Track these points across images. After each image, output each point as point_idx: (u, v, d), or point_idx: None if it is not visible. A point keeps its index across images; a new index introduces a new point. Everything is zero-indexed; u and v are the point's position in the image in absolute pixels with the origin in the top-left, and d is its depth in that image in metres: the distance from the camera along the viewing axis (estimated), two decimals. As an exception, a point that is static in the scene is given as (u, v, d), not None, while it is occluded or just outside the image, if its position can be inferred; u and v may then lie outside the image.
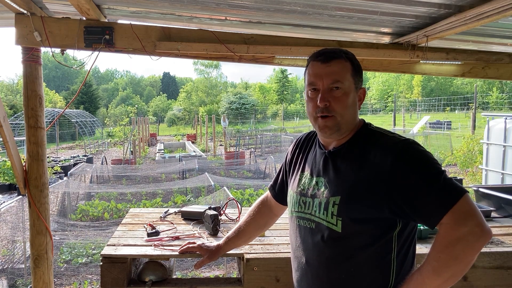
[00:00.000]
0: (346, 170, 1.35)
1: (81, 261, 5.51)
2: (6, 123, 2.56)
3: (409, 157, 1.26)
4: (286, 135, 22.41)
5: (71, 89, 53.21)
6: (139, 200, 9.42)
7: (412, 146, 1.28)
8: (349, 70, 1.38)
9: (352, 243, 1.32)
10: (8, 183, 10.00)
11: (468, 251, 1.17)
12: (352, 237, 1.32)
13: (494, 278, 2.03)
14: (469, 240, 1.16)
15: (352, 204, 1.31)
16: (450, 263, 1.18)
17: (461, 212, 1.18)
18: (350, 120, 1.39)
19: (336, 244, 1.34)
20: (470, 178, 9.09)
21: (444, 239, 1.20)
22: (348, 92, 1.36)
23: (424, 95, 47.42)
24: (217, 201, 6.57)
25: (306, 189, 1.45)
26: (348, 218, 1.31)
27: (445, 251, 1.19)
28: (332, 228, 1.34)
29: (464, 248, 1.17)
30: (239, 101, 49.61)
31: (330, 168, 1.40)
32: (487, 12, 2.11)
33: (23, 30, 2.60)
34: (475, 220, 1.17)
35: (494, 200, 2.95)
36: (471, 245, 1.17)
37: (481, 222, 1.17)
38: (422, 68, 3.25)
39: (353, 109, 1.39)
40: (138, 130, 20.70)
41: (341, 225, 1.32)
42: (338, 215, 1.32)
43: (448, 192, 1.20)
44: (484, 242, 1.18)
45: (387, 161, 1.26)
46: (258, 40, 2.86)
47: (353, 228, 1.31)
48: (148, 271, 2.04)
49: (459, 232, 1.17)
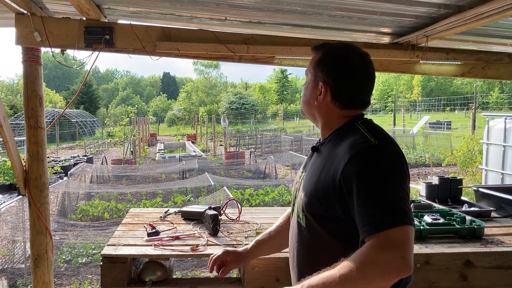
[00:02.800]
0: (316, 166, 1.36)
1: (81, 261, 5.51)
2: (6, 123, 2.56)
3: (365, 161, 1.18)
4: (286, 135, 22.41)
5: (71, 89, 53.18)
6: (139, 200, 9.42)
7: (374, 151, 1.20)
8: (314, 61, 1.40)
9: (316, 239, 1.31)
10: (8, 183, 9.99)
11: (380, 278, 1.10)
12: (314, 233, 1.31)
13: (494, 278, 2.04)
14: (386, 269, 1.08)
15: (311, 200, 1.30)
16: (358, 281, 1.10)
17: (390, 239, 1.10)
18: (308, 109, 1.44)
19: (303, 240, 1.36)
20: (470, 178, 9.07)
21: (364, 256, 1.11)
22: (308, 82, 1.42)
23: (424, 95, 47.44)
24: (217, 201, 6.57)
25: (297, 184, 1.49)
26: (309, 213, 1.31)
27: (359, 268, 1.10)
28: (300, 223, 1.37)
29: (379, 274, 1.09)
30: (239, 101, 49.60)
31: (310, 163, 1.44)
32: (487, 12, 2.11)
33: (23, 30, 2.60)
34: (401, 252, 1.09)
35: (494, 200, 2.96)
36: (386, 274, 1.09)
37: (406, 256, 1.09)
38: (422, 68, 3.25)
39: (310, 100, 1.41)
40: (138, 130, 20.70)
41: (305, 220, 1.33)
42: (303, 211, 1.34)
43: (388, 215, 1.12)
44: (400, 276, 1.10)
45: (344, 159, 1.21)
46: (258, 40, 2.86)
47: (314, 224, 1.30)
48: (148, 271, 2.05)
49: (381, 257, 1.09)
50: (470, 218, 2.40)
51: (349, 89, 1.35)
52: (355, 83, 1.35)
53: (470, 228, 2.27)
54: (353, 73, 1.34)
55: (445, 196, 3.14)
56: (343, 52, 1.37)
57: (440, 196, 3.14)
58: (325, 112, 1.38)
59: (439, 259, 2.02)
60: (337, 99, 1.35)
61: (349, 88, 1.35)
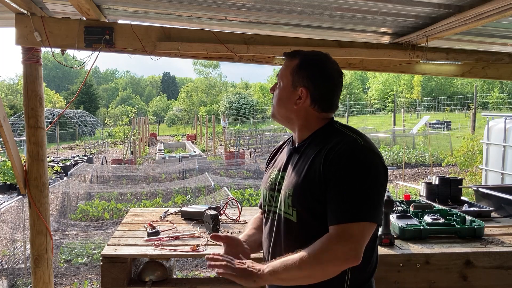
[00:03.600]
0: (301, 164, 1.42)
1: (81, 261, 5.51)
2: (6, 123, 2.56)
3: (352, 158, 1.31)
4: (286, 135, 22.39)
5: (71, 89, 53.06)
6: (139, 200, 9.42)
7: (358, 148, 1.33)
8: (291, 68, 1.47)
9: (307, 233, 1.36)
10: (8, 183, 9.99)
11: (331, 264, 1.26)
12: (306, 227, 1.37)
13: (494, 278, 2.04)
14: (339, 257, 1.25)
15: (301, 195, 1.37)
16: (314, 266, 1.25)
17: (346, 232, 1.26)
18: (284, 113, 1.49)
19: (294, 235, 1.40)
20: (470, 178, 9.07)
21: (323, 244, 1.27)
22: (282, 88, 1.48)
23: (424, 95, 47.42)
24: (217, 201, 6.57)
25: (273, 184, 1.52)
26: (300, 208, 1.37)
27: (316, 254, 1.26)
28: (289, 218, 1.41)
29: (332, 261, 1.25)
30: (239, 101, 49.59)
31: (291, 162, 1.48)
32: (487, 12, 2.11)
33: (23, 30, 2.60)
34: (353, 245, 1.25)
35: (494, 200, 2.96)
36: (338, 261, 1.26)
37: (358, 249, 1.25)
38: (422, 68, 3.25)
39: (287, 104, 1.47)
40: (138, 130, 20.70)
41: (296, 215, 1.38)
42: (293, 206, 1.39)
43: (355, 208, 1.27)
44: (349, 265, 1.28)
45: (332, 156, 1.32)
46: (258, 40, 2.86)
47: (306, 218, 1.37)
48: (148, 271, 2.05)
49: (337, 246, 1.25)
50: (470, 218, 2.40)
51: (327, 94, 1.47)
52: (332, 89, 1.47)
53: (470, 228, 2.27)
54: (331, 79, 1.46)
55: (445, 196, 3.14)
56: (322, 60, 1.47)
57: (440, 196, 3.14)
58: (304, 115, 1.47)
59: (439, 259, 2.02)
60: (316, 103, 1.45)
61: (327, 93, 1.47)
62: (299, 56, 1.47)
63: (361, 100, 52.46)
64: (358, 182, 1.28)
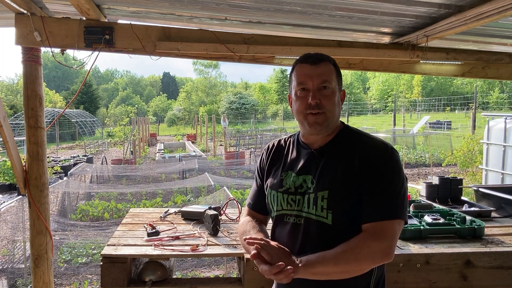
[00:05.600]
0: (332, 166, 1.44)
1: (81, 261, 5.51)
2: (6, 123, 2.56)
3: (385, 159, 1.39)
4: (286, 135, 22.37)
5: (71, 89, 53.13)
6: (139, 200, 9.42)
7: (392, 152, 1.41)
8: (334, 72, 1.49)
9: (342, 235, 1.38)
10: (8, 183, 10.00)
11: (368, 261, 1.33)
12: (342, 228, 1.39)
13: (494, 278, 2.04)
14: (375, 254, 1.32)
15: (339, 197, 1.40)
16: (350, 261, 1.32)
17: (383, 230, 1.33)
18: (336, 118, 1.49)
19: (328, 237, 1.40)
20: (470, 178, 9.06)
21: (360, 241, 1.33)
22: (334, 92, 1.47)
23: (424, 95, 47.42)
24: (217, 201, 6.56)
25: (293, 188, 1.49)
26: (337, 210, 1.39)
27: (354, 250, 1.32)
28: (322, 221, 1.41)
29: (367, 257, 1.32)
30: (239, 101, 49.61)
31: (317, 165, 1.47)
32: (487, 12, 2.11)
33: (23, 30, 2.60)
34: (389, 242, 1.33)
35: (494, 200, 2.96)
36: (372, 258, 1.33)
37: (392, 246, 1.33)
38: (422, 68, 3.25)
39: (339, 108, 1.50)
40: (138, 130, 20.70)
41: (331, 217, 1.40)
42: (328, 208, 1.40)
43: (391, 207, 1.35)
44: (384, 261, 1.35)
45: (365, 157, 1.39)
46: (258, 40, 2.86)
47: (342, 219, 1.40)
48: (148, 271, 2.05)
49: (373, 243, 1.32)
50: (470, 218, 2.40)
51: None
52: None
53: (470, 228, 2.27)
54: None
55: (445, 196, 3.14)
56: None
57: (440, 196, 3.14)
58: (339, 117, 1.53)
59: (439, 259, 2.02)
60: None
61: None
62: (329, 59, 1.50)
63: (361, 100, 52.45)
64: (393, 182, 1.37)
